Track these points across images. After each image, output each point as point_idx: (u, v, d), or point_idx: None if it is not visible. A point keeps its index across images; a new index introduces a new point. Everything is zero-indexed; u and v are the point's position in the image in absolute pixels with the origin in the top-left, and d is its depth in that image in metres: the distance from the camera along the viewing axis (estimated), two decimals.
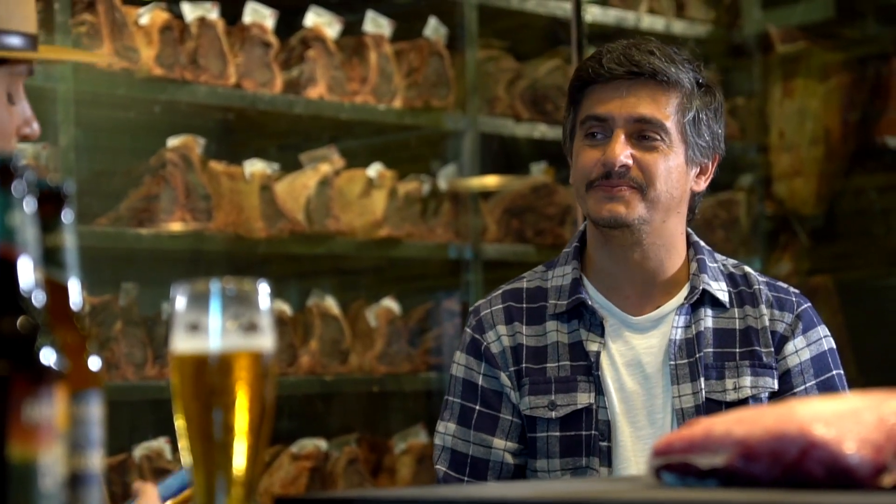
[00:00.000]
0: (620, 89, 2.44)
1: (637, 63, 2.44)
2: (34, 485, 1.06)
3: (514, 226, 4.61)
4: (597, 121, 2.45)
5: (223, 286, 1.34)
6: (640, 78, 2.44)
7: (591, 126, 2.46)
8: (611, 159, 2.41)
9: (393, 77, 4.34)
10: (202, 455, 1.34)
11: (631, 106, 2.44)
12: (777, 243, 5.15)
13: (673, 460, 1.31)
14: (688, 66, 2.48)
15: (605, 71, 2.44)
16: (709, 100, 2.49)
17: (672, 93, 2.45)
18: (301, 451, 4.13)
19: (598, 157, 2.44)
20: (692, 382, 2.43)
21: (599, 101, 2.46)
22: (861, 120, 5.04)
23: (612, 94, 2.45)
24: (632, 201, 2.43)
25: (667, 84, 2.44)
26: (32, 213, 1.13)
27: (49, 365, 1.08)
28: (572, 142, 2.51)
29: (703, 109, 2.47)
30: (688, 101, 2.45)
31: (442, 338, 4.48)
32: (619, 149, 2.41)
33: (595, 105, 2.46)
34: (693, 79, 2.47)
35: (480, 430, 2.48)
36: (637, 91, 2.44)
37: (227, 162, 4.10)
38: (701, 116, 2.46)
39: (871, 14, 5.20)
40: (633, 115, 2.43)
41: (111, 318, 3.78)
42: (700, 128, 2.47)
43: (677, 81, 2.45)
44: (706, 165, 2.51)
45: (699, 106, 2.46)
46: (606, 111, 2.44)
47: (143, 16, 3.89)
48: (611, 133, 2.44)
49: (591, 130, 2.46)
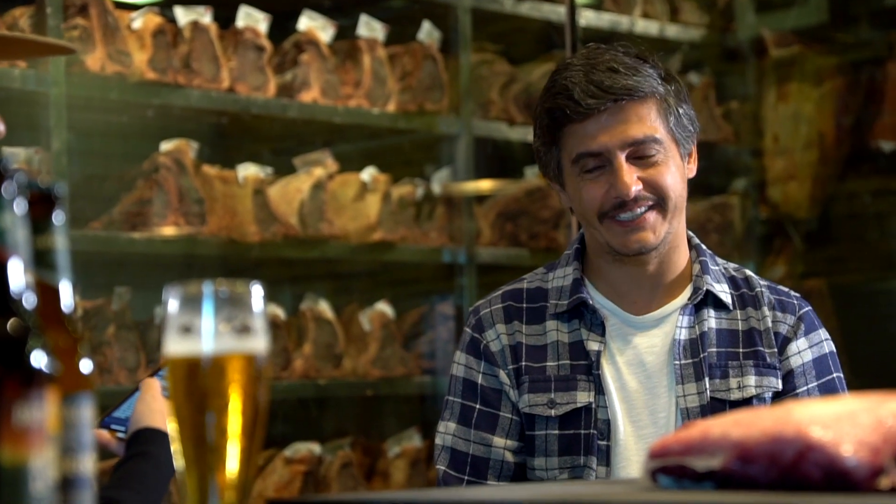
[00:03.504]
0: (603, 120, 2.41)
1: (610, 89, 2.40)
2: (25, 488, 1.06)
3: (508, 229, 4.61)
4: (591, 156, 2.43)
5: (216, 288, 1.33)
6: (619, 103, 2.42)
7: (587, 163, 2.43)
8: (624, 191, 2.39)
9: (387, 81, 4.34)
10: (195, 458, 1.33)
11: (621, 133, 2.41)
12: (771, 247, 5.15)
13: (669, 463, 1.30)
14: (648, 67, 2.46)
15: (584, 108, 2.40)
16: (676, 89, 2.48)
17: (650, 103, 2.43)
18: (295, 454, 4.13)
19: (605, 187, 2.41)
20: (697, 382, 2.43)
21: (587, 136, 2.42)
22: (855, 124, 5.04)
23: (596, 128, 2.41)
24: (656, 225, 2.42)
25: (643, 98, 2.43)
26: (23, 215, 1.12)
27: (40, 367, 1.07)
28: (561, 174, 2.49)
29: (678, 104, 2.47)
30: (665, 104, 2.45)
31: (436, 341, 4.47)
32: (628, 178, 2.39)
33: (584, 142, 2.42)
34: (657, 77, 2.45)
35: (480, 429, 2.48)
36: (619, 116, 2.42)
37: (220, 166, 4.09)
38: (679, 111, 2.46)
39: (864, 18, 5.20)
40: (627, 141, 2.41)
41: (104, 322, 3.78)
42: (681, 121, 2.47)
43: (651, 90, 2.43)
44: (692, 149, 2.52)
45: (674, 102, 2.46)
46: (599, 146, 2.41)
47: (136, 20, 3.88)
48: (608, 163, 2.41)
49: (587, 167, 2.43)
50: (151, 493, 2.07)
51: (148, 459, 2.08)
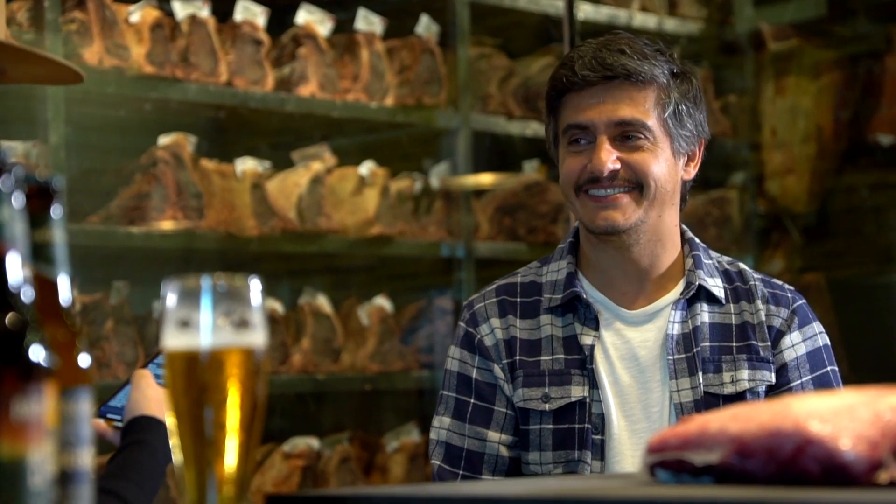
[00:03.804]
0: (597, 95, 2.43)
1: (609, 66, 2.42)
2: (23, 483, 1.05)
3: (507, 223, 4.61)
4: (578, 129, 2.45)
5: (214, 282, 1.33)
6: (615, 81, 2.43)
7: (574, 134, 2.46)
8: (598, 167, 2.41)
9: (385, 75, 4.34)
10: (193, 452, 1.33)
11: (610, 110, 2.43)
12: (769, 241, 5.15)
13: (667, 457, 1.30)
14: (661, 59, 2.47)
15: (580, 78, 2.43)
16: (686, 88, 2.48)
17: (648, 90, 2.44)
18: (293, 449, 4.12)
19: (584, 162, 2.44)
20: (690, 377, 2.43)
21: (578, 108, 2.45)
22: (853, 118, 5.04)
23: (589, 101, 2.44)
24: (628, 208, 2.43)
25: (642, 83, 2.44)
26: (21, 209, 1.12)
27: (38, 361, 1.07)
28: (557, 148, 2.51)
29: (682, 100, 2.47)
30: (665, 96, 2.45)
31: (434, 336, 4.47)
32: (604, 155, 2.41)
33: (574, 113, 2.45)
34: (668, 70, 2.46)
35: (475, 424, 2.48)
36: (614, 94, 2.43)
37: (218, 160, 4.09)
38: (681, 108, 2.46)
39: (862, 12, 5.20)
40: (614, 119, 2.43)
41: (102, 316, 3.77)
42: (682, 119, 2.46)
43: (652, 78, 2.44)
44: (693, 153, 2.52)
45: (677, 98, 2.46)
46: (587, 119, 2.44)
47: (134, 13, 3.88)
48: (594, 139, 2.43)
49: (574, 138, 2.46)
50: (148, 481, 2.07)
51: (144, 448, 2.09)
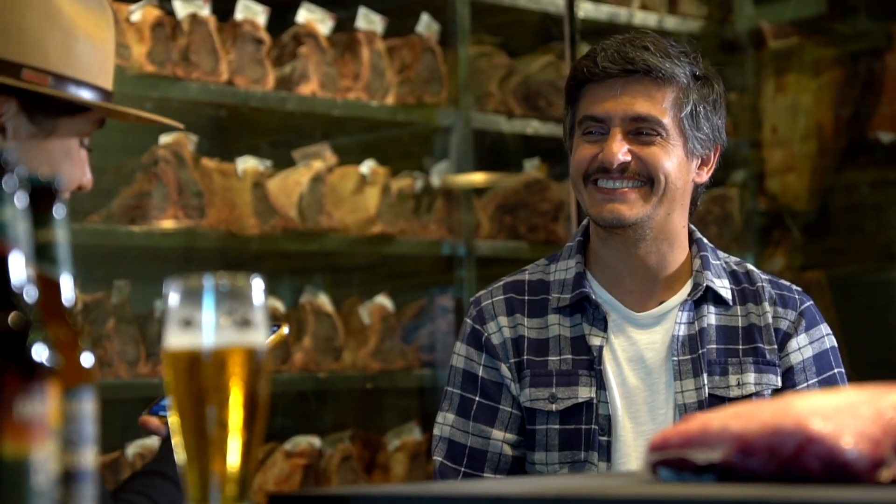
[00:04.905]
0: (615, 88, 2.44)
1: (631, 60, 2.43)
2: (27, 482, 1.06)
3: (507, 222, 4.61)
4: (594, 120, 2.45)
5: (216, 281, 1.33)
6: (635, 75, 2.44)
7: (589, 125, 2.46)
8: (608, 158, 2.41)
9: (385, 73, 4.34)
10: (196, 451, 1.33)
11: (626, 104, 2.43)
12: (770, 239, 5.15)
13: (669, 455, 1.30)
14: (684, 60, 2.47)
15: (600, 70, 2.44)
16: (706, 92, 2.48)
17: (668, 88, 2.44)
18: (295, 448, 4.13)
19: (595, 151, 2.44)
20: (695, 378, 2.43)
21: (595, 100, 2.45)
22: (853, 115, 5.04)
23: (607, 93, 2.44)
24: (636, 203, 2.43)
25: (662, 80, 2.44)
26: (24, 208, 1.12)
27: (41, 361, 1.07)
28: (572, 139, 2.51)
29: (701, 102, 2.46)
30: (684, 96, 2.45)
31: (435, 334, 4.47)
32: (616, 147, 2.41)
33: (591, 105, 2.46)
34: (690, 72, 2.46)
35: (479, 422, 2.48)
36: (632, 89, 2.44)
37: (219, 159, 4.09)
38: (699, 110, 2.46)
39: (862, 9, 5.20)
40: (630, 114, 2.43)
41: (103, 315, 3.77)
42: (699, 121, 2.46)
43: (673, 76, 2.44)
44: (708, 157, 2.52)
45: (696, 99, 2.46)
46: (603, 111, 2.44)
47: (135, 12, 3.88)
48: (608, 131, 2.44)
49: (589, 129, 2.46)
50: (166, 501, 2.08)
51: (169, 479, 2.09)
